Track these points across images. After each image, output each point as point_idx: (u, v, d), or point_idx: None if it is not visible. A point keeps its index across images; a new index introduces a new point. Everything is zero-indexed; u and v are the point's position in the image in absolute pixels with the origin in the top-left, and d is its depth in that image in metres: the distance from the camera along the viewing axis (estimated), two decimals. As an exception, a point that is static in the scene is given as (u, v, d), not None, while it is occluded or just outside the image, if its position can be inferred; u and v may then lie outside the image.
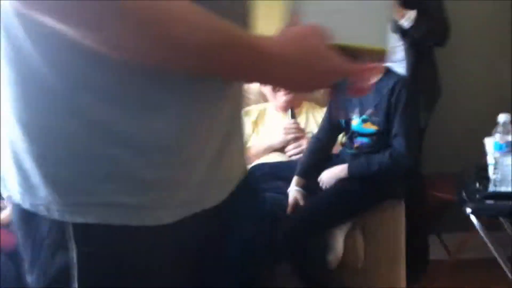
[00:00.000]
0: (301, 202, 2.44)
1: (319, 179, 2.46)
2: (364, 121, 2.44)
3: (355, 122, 2.47)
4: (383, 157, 2.34)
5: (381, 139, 2.40)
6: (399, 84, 2.36)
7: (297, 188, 2.49)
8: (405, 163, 2.34)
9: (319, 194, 2.44)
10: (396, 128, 2.34)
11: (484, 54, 3.45)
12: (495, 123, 2.35)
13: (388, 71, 2.44)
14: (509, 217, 2.50)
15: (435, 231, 3.30)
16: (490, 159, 2.34)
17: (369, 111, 2.42)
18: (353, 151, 2.49)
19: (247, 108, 3.02)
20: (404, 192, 2.49)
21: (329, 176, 2.45)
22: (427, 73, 3.00)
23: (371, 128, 2.42)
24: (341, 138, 2.65)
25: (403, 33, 2.86)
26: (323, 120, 2.69)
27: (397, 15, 2.80)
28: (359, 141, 2.48)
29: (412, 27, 2.81)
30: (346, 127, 2.56)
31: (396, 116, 2.34)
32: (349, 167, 2.41)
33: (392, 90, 2.35)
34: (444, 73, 3.14)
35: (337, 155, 2.57)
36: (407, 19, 2.80)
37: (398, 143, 2.32)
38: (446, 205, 2.99)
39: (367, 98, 2.44)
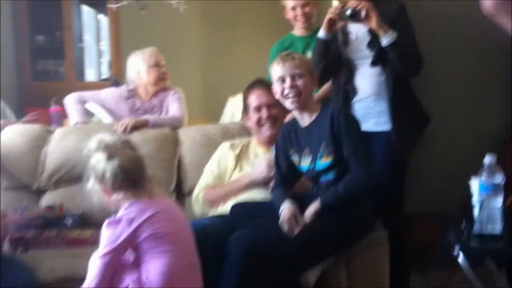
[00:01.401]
0: (299, 219, 2.45)
1: (303, 220, 2.45)
2: (320, 157, 2.50)
3: (306, 162, 2.56)
4: (346, 180, 2.44)
5: (341, 168, 2.48)
6: (335, 112, 2.50)
7: (291, 203, 2.49)
8: (366, 178, 2.44)
9: (301, 232, 2.42)
10: (346, 151, 2.46)
11: (473, 93, 3.49)
12: (480, 164, 2.36)
13: (323, 107, 2.61)
14: (495, 258, 2.50)
15: (417, 268, 3.28)
16: (475, 200, 2.35)
17: (321, 146, 2.50)
18: (322, 190, 2.52)
19: (230, 142, 3.01)
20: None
21: (308, 214, 2.46)
22: (407, 104, 3.03)
23: (327, 161, 2.49)
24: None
25: (379, 53, 2.92)
26: (275, 173, 2.71)
27: (380, 31, 2.84)
28: (324, 180, 2.53)
29: (390, 46, 2.85)
30: (304, 170, 2.61)
31: (343, 141, 2.46)
32: (320, 199, 2.46)
33: (331, 119, 2.48)
34: (430, 111, 3.17)
35: (310, 197, 2.55)
36: (389, 36, 2.84)
37: (353, 163, 2.44)
38: (429, 245, 2.99)
39: (313, 137, 2.54)
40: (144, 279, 2.08)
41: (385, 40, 2.85)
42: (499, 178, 2.30)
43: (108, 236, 2.08)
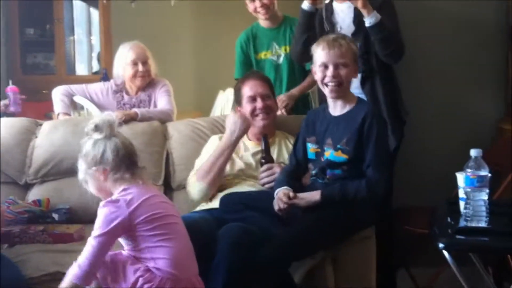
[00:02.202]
0: (291, 194, 2.43)
1: (296, 201, 2.43)
2: (336, 149, 2.46)
3: (328, 153, 2.48)
4: (359, 185, 2.39)
5: (351, 169, 2.44)
6: (370, 114, 2.43)
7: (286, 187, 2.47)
8: (379, 192, 2.42)
9: (294, 223, 2.41)
10: (369, 158, 2.41)
11: (459, 87, 3.49)
12: (467, 157, 2.35)
13: (359, 101, 2.53)
14: (480, 252, 2.49)
15: (404, 265, 3.29)
16: (461, 194, 2.34)
17: (343, 141, 2.45)
18: (325, 181, 2.49)
19: (220, 135, 2.99)
20: (374, 221, 2.52)
21: (305, 201, 2.43)
22: (389, 95, 3.03)
23: (341, 156, 2.45)
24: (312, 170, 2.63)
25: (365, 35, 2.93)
26: (290, 156, 2.70)
27: (365, 10, 2.84)
28: (330, 173, 2.49)
29: (373, 27, 2.85)
30: (315, 159, 2.56)
31: (368, 146, 2.41)
32: (322, 191, 2.43)
33: (364, 120, 2.42)
34: (417, 105, 3.16)
35: (309, 185, 2.55)
36: (373, 16, 2.84)
37: (372, 173, 2.40)
38: (418, 239, 2.99)
39: (339, 128, 2.48)
40: (153, 268, 2.05)
41: (369, 20, 2.86)
42: (485, 171, 2.29)
43: (105, 216, 2.05)
